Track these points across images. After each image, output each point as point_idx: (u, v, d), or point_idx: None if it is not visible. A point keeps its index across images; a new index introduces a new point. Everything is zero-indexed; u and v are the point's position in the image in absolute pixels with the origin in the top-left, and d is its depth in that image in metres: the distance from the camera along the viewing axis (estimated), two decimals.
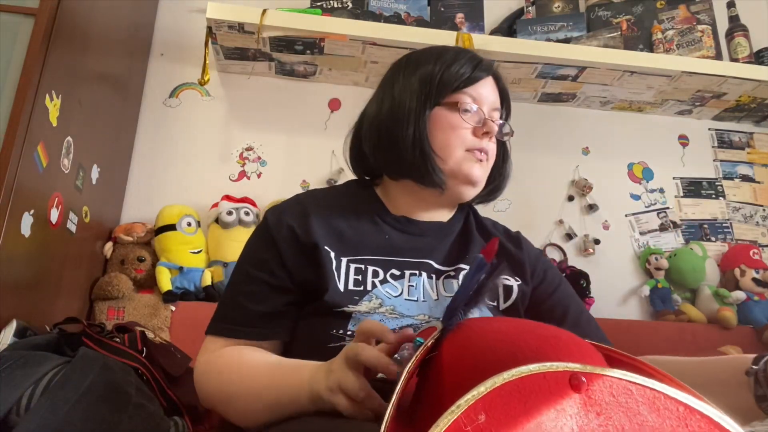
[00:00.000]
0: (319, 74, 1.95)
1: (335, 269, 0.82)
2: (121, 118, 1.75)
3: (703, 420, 0.41)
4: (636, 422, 0.41)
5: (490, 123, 0.90)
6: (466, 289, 0.55)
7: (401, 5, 1.95)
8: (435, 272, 0.87)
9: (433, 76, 0.89)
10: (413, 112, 0.88)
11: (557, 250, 1.96)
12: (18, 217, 1.12)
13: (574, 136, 2.11)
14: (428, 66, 0.90)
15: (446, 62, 0.90)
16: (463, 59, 0.91)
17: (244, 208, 1.72)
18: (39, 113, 1.17)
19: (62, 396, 0.89)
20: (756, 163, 2.19)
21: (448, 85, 0.88)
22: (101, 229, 1.65)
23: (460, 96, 0.89)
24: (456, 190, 0.91)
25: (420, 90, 0.89)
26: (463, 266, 0.89)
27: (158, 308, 1.57)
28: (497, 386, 0.41)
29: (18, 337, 1.08)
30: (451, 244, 0.93)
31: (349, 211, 0.91)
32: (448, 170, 0.89)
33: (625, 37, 1.97)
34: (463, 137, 0.88)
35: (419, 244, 0.90)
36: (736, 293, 1.86)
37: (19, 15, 1.20)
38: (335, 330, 0.78)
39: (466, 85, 0.89)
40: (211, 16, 1.64)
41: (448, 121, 0.88)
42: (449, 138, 0.88)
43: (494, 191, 1.01)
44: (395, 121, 0.89)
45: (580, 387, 0.41)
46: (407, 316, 0.80)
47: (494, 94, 0.93)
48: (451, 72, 0.89)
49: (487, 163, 0.93)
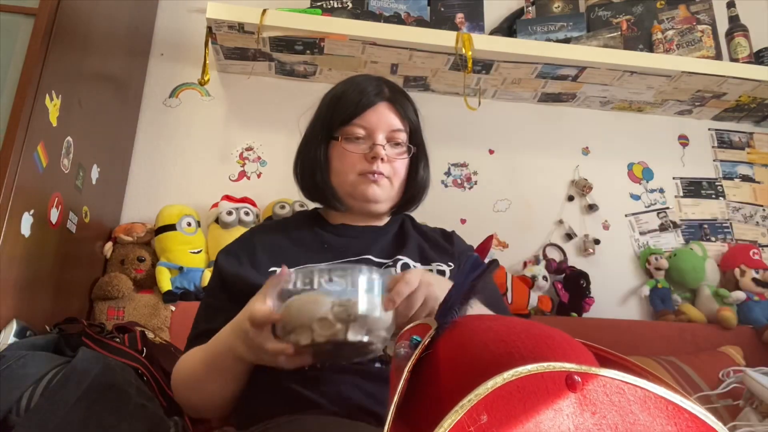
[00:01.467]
0: (319, 74, 1.95)
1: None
2: (121, 118, 1.75)
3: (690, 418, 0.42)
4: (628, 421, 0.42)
5: (376, 148, 1.00)
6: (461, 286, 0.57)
7: (401, 5, 1.95)
8: (375, 265, 0.97)
9: (326, 115, 1.04)
10: (312, 149, 1.04)
11: (557, 250, 1.96)
12: (18, 217, 1.12)
13: (574, 136, 2.11)
14: (323, 108, 1.06)
15: (336, 99, 1.04)
16: (351, 93, 1.03)
17: (244, 208, 1.72)
18: (39, 113, 1.17)
19: (62, 396, 0.90)
20: (756, 163, 2.19)
21: (337, 120, 1.02)
22: (101, 229, 1.65)
23: (348, 128, 1.01)
24: (360, 207, 1.03)
25: (319, 129, 1.05)
26: (400, 257, 0.98)
27: (158, 308, 1.57)
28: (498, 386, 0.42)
29: (18, 337, 1.08)
30: (389, 242, 1.05)
31: (292, 230, 1.05)
32: (345, 193, 1.02)
33: (625, 37, 1.97)
34: (353, 164, 1.01)
35: (357, 244, 1.01)
36: (736, 293, 1.86)
37: (19, 15, 1.20)
38: None
39: (354, 116, 1.01)
40: (211, 16, 1.64)
41: (339, 152, 1.02)
42: (342, 166, 1.02)
43: (411, 201, 1.09)
44: (303, 158, 1.06)
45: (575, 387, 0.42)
46: None
47: (389, 116, 1.03)
48: (339, 108, 1.03)
49: (387, 181, 1.02)
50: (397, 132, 1.03)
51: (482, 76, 1.92)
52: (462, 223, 1.94)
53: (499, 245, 1.96)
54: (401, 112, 1.05)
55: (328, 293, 0.71)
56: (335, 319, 0.69)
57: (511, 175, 2.04)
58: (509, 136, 2.07)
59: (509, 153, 2.06)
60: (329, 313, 0.69)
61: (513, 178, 2.04)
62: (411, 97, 1.10)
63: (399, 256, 0.99)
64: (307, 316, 0.69)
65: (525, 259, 1.94)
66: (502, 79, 1.94)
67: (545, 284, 1.84)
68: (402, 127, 1.04)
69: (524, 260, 1.93)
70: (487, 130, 2.05)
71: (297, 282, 0.73)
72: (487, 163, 2.04)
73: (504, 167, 2.04)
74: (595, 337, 1.90)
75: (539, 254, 1.94)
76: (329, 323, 0.69)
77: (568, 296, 1.83)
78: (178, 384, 0.94)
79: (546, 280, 1.84)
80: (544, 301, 1.82)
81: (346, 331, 0.69)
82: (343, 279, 0.72)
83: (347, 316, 0.69)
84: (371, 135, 1.01)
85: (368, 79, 1.07)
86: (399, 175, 1.04)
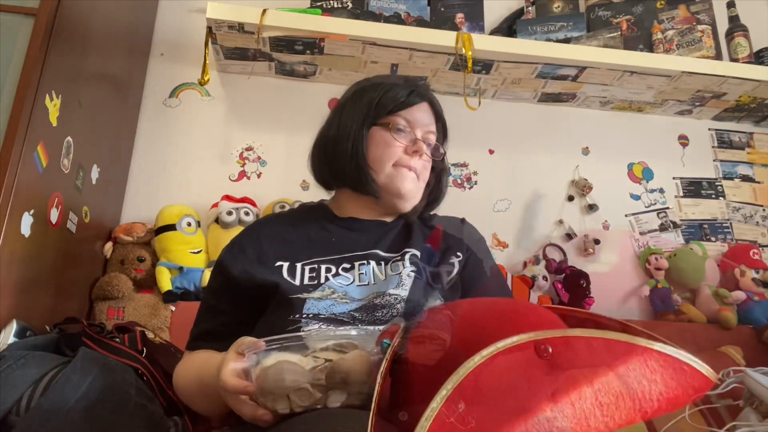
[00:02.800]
0: (319, 74, 1.95)
1: (289, 276, 0.93)
2: (121, 118, 1.75)
3: (660, 356, 0.44)
4: (602, 372, 0.43)
5: (419, 143, 1.02)
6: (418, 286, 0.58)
7: (401, 5, 1.95)
8: (383, 259, 0.97)
9: (372, 100, 1.03)
10: (353, 130, 1.02)
11: (557, 250, 1.96)
12: (18, 217, 1.12)
13: (574, 136, 2.11)
14: (370, 93, 1.05)
15: (385, 89, 1.04)
16: (400, 87, 1.04)
17: (244, 208, 1.72)
18: (39, 113, 1.17)
19: (62, 396, 0.90)
20: (756, 163, 2.19)
21: (384, 108, 1.02)
22: (101, 229, 1.65)
23: (394, 118, 1.02)
24: (390, 202, 1.03)
25: (361, 112, 1.03)
26: (408, 249, 0.98)
27: (158, 308, 1.57)
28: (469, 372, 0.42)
29: (18, 337, 1.08)
30: (395, 236, 1.04)
31: (299, 223, 1.05)
32: (380, 183, 1.01)
33: (625, 37, 1.97)
34: (393, 153, 1.01)
35: (364, 238, 1.01)
36: (736, 293, 1.86)
37: (19, 15, 1.20)
38: (291, 315, 0.86)
39: (401, 108, 1.02)
40: (211, 16, 1.64)
41: (383, 139, 1.02)
42: (381, 153, 1.01)
43: (431, 205, 1.11)
44: (339, 138, 1.03)
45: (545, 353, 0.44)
46: (357, 299, 0.90)
47: (429, 117, 1.06)
48: (388, 97, 1.03)
49: (418, 180, 1.04)
50: (431, 134, 1.06)
51: (482, 76, 1.92)
52: (462, 224, 1.94)
53: (499, 245, 1.96)
54: (438, 116, 1.08)
55: (305, 352, 0.68)
56: (314, 389, 0.66)
57: (511, 175, 2.04)
58: (509, 136, 2.07)
59: (509, 153, 2.06)
60: (308, 383, 0.66)
61: (513, 178, 2.04)
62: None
63: (406, 248, 0.99)
64: (284, 386, 0.66)
65: (525, 259, 1.94)
66: (502, 79, 1.94)
67: (545, 284, 1.84)
68: (436, 130, 1.07)
69: (524, 260, 1.93)
70: (487, 130, 2.05)
71: (271, 351, 0.69)
72: (487, 163, 2.04)
73: (504, 167, 2.04)
74: None
75: (539, 254, 1.94)
76: (308, 393, 0.66)
77: (568, 296, 1.83)
78: (178, 388, 0.96)
79: (546, 280, 1.84)
80: (544, 301, 1.82)
81: (326, 399, 0.67)
82: (323, 341, 0.69)
83: (327, 383, 0.66)
84: (413, 130, 1.03)
85: (412, 78, 1.12)
86: (425, 176, 1.06)
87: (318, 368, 0.66)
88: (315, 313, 0.86)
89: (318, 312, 0.86)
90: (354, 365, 0.67)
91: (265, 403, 0.67)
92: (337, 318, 0.86)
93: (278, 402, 0.66)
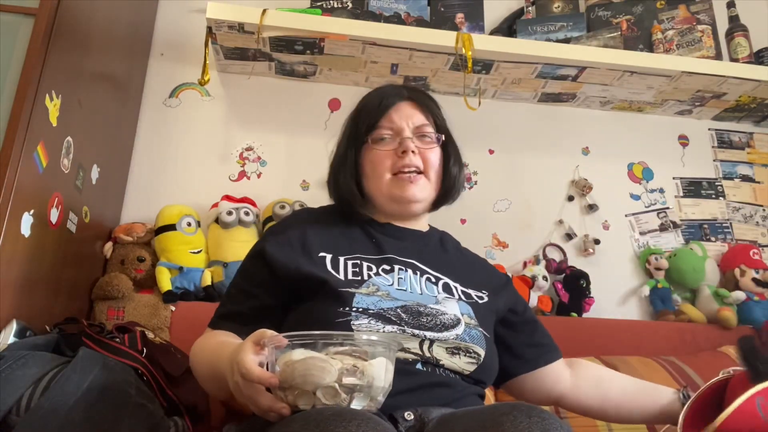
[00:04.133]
0: (319, 74, 1.95)
1: (332, 268, 0.94)
2: (121, 118, 1.75)
3: None
4: None
5: (405, 141, 1.01)
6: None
7: (401, 5, 1.95)
8: (419, 270, 0.99)
9: (352, 128, 1.07)
10: (346, 158, 1.05)
11: (557, 250, 1.96)
12: (18, 217, 1.12)
13: (574, 136, 2.11)
14: (349, 122, 1.09)
15: (358, 112, 1.07)
16: (372, 99, 1.06)
17: (244, 208, 1.72)
18: (39, 113, 1.17)
19: (62, 396, 0.90)
20: (756, 163, 2.19)
21: (362, 127, 1.04)
22: (101, 229, 1.65)
23: (375, 132, 1.03)
24: (400, 210, 1.05)
25: (347, 142, 1.07)
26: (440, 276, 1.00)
27: (158, 308, 1.57)
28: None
29: (18, 337, 1.08)
30: (431, 251, 1.06)
31: (341, 222, 1.05)
32: (383, 196, 1.03)
33: (625, 37, 1.96)
34: (384, 164, 1.02)
35: (403, 246, 1.03)
36: (736, 293, 1.86)
37: (19, 15, 1.20)
38: (341, 308, 0.86)
39: (377, 119, 1.03)
40: (211, 16, 1.64)
41: (370, 156, 1.04)
42: (375, 168, 1.03)
43: (445, 197, 1.09)
44: (336, 172, 1.06)
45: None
46: (400, 300, 0.91)
47: (412, 112, 1.05)
48: (362, 117, 1.05)
49: (424, 179, 1.03)
50: (422, 126, 1.05)
51: (482, 76, 1.92)
52: (462, 223, 1.94)
53: (499, 245, 1.96)
54: (423, 107, 1.07)
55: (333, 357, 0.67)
56: (341, 389, 0.66)
57: (511, 175, 2.04)
58: (509, 136, 2.07)
59: (509, 153, 2.06)
60: (337, 382, 0.66)
61: (513, 178, 2.04)
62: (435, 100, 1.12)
63: (441, 275, 1.00)
64: (312, 383, 0.65)
65: (525, 259, 1.94)
66: (502, 79, 1.94)
67: (545, 284, 1.84)
68: (426, 121, 1.06)
69: (524, 260, 1.93)
70: (487, 130, 2.05)
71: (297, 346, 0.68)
72: (487, 163, 2.04)
73: (504, 167, 2.04)
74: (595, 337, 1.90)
75: (539, 254, 1.94)
76: (334, 392, 0.66)
77: (568, 296, 1.83)
78: (192, 363, 0.95)
79: (546, 280, 1.84)
80: (544, 301, 1.82)
81: (350, 401, 0.67)
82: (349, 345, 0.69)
83: (353, 386, 0.66)
84: (398, 132, 1.03)
85: (386, 86, 1.11)
86: (434, 167, 1.04)
87: (345, 369, 0.66)
88: (364, 307, 0.87)
89: (367, 307, 0.87)
90: (380, 372, 0.68)
91: (286, 397, 0.67)
92: (385, 314, 0.87)
93: (301, 398, 0.66)
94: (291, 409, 0.67)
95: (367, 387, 0.67)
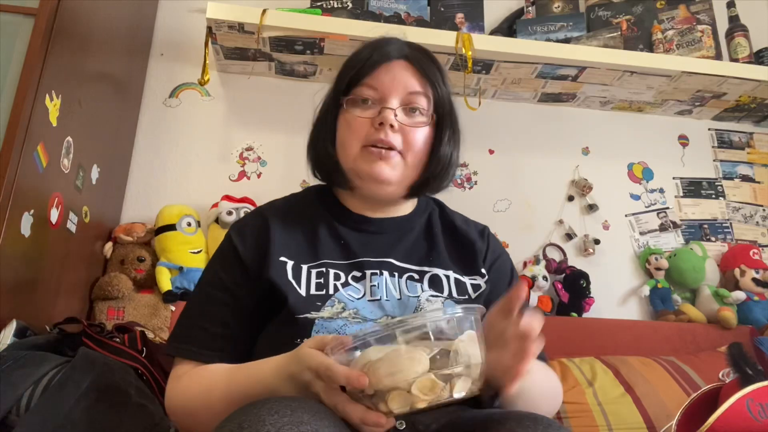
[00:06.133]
0: (319, 74, 1.95)
1: (293, 278, 0.82)
2: (121, 118, 1.75)
3: None
4: None
5: (385, 112, 0.83)
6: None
7: (401, 5, 1.95)
8: (397, 270, 0.86)
9: (335, 81, 0.89)
10: (321, 120, 0.90)
11: (557, 250, 1.96)
12: (18, 217, 1.12)
13: (574, 136, 2.11)
14: (339, 71, 0.91)
15: (350, 59, 0.89)
16: (365, 49, 0.89)
17: (244, 208, 1.72)
18: (39, 113, 1.17)
19: (62, 396, 0.90)
20: (756, 163, 2.19)
21: (344, 80, 0.87)
22: (101, 229, 1.65)
23: (356, 89, 0.86)
24: (368, 189, 0.87)
25: (328, 98, 0.90)
26: (427, 269, 0.87)
27: (158, 308, 1.57)
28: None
29: (18, 337, 1.08)
30: (413, 241, 0.91)
31: (306, 219, 0.91)
32: (350, 169, 0.87)
33: (625, 37, 1.96)
34: (358, 132, 0.85)
35: (378, 242, 0.88)
36: (736, 293, 1.86)
37: (19, 15, 1.20)
38: (299, 339, 0.75)
39: (364, 75, 0.86)
40: (211, 16, 1.64)
41: (346, 119, 0.87)
42: (345, 136, 0.86)
43: (428, 182, 0.89)
44: (313, 131, 0.92)
45: None
46: (370, 319, 0.79)
47: (406, 76, 0.86)
48: (348, 66, 0.88)
49: (399, 158, 0.85)
50: (414, 95, 0.86)
51: (482, 76, 1.92)
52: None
53: None
54: (422, 72, 0.87)
55: (417, 344, 0.57)
56: (438, 378, 0.56)
57: (511, 175, 2.04)
58: (509, 136, 2.07)
59: (509, 153, 2.06)
60: (431, 371, 0.56)
61: (513, 178, 2.04)
62: (439, 62, 0.91)
63: (427, 267, 0.86)
64: (404, 380, 0.55)
65: (525, 259, 1.94)
66: (502, 79, 1.94)
67: (545, 284, 1.84)
68: (421, 89, 0.87)
69: (524, 260, 1.93)
70: (487, 130, 2.05)
71: (371, 341, 0.58)
72: (487, 163, 2.04)
73: (504, 167, 2.04)
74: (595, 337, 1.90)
75: (539, 254, 1.94)
76: (432, 384, 0.55)
77: (568, 296, 1.83)
78: (181, 413, 0.82)
79: (546, 280, 1.84)
80: (544, 301, 1.82)
81: (451, 389, 0.56)
82: (428, 328, 0.58)
83: (451, 371, 0.56)
84: (383, 98, 0.85)
85: (386, 37, 0.91)
86: (414, 149, 0.85)
87: (436, 355, 0.56)
88: None
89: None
90: (474, 349, 0.59)
91: (377, 404, 0.58)
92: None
93: (395, 400, 0.56)
94: (386, 417, 0.58)
95: (465, 368, 0.57)
